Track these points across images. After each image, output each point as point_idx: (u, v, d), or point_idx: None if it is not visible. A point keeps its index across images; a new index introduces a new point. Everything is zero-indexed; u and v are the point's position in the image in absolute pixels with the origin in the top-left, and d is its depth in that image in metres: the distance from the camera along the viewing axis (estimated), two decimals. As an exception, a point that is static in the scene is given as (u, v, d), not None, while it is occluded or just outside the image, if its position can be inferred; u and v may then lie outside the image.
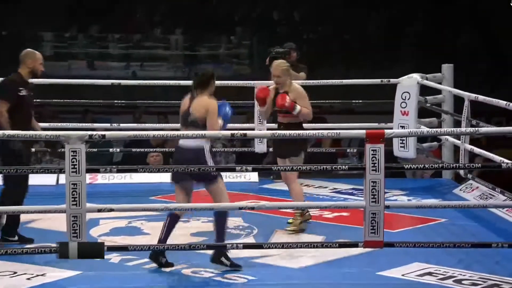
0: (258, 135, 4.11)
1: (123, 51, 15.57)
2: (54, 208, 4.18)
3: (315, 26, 15.85)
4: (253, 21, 15.97)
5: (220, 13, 16.09)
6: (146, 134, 4.16)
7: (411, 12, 15.03)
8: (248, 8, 16.13)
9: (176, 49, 16.04)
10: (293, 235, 5.53)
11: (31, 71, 5.42)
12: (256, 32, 15.69)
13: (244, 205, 4.42)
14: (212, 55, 16.04)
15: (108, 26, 15.60)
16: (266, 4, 16.11)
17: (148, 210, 4.40)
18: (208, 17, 15.90)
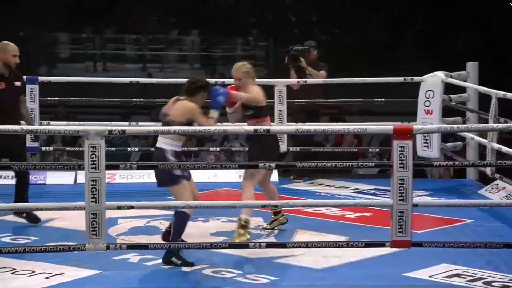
0: (281, 131, 3.98)
1: (139, 52, 15.52)
2: (73, 205, 4.08)
3: (332, 28, 15.74)
4: (269, 22, 15.88)
5: (236, 14, 16.03)
6: (166, 129, 4.04)
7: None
8: (265, 9, 16.04)
9: (192, 50, 15.97)
10: (315, 235, 5.40)
11: (4, 64, 5.40)
12: (272, 33, 15.60)
13: (267, 203, 4.28)
14: (228, 56, 15.98)
15: (124, 27, 15.58)
16: (282, 5, 16.03)
17: (169, 208, 4.27)
18: (225, 19, 15.85)
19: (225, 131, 4.07)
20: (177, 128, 4.04)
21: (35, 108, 6.79)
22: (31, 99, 6.77)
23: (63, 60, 15.57)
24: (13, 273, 4.51)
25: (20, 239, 5.25)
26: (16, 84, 5.51)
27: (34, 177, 7.10)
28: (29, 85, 6.79)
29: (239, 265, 4.72)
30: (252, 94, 5.23)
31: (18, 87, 5.53)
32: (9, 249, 4.10)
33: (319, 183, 7.29)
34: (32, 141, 6.70)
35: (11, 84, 5.45)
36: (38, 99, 6.86)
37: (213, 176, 7.42)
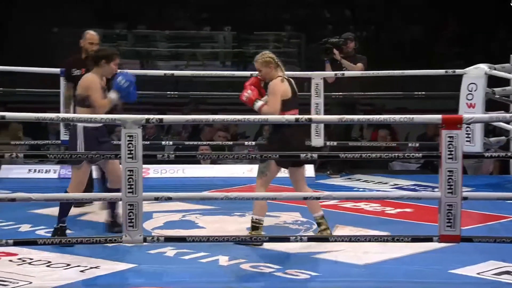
0: (323, 120, 3.81)
1: (172, 49, 15.44)
2: (110, 196, 3.97)
3: (366, 24, 15.53)
4: (303, 18, 15.71)
5: (269, 10, 15.89)
6: (204, 118, 3.91)
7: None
8: (298, 5, 15.88)
9: (225, 47, 15.86)
10: (356, 231, 5.24)
11: (84, 51, 5.71)
12: (305, 30, 15.43)
13: (309, 195, 4.13)
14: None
15: (156, 23, 15.52)
16: (316, 1, 15.85)
17: (207, 199, 4.14)
18: (257, 15, 15.72)
19: (265, 120, 3.91)
20: (220, 117, 3.90)
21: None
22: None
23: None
24: (48, 265, 4.43)
25: (54, 231, 5.16)
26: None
27: (68, 171, 7.03)
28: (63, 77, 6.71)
29: (278, 260, 4.58)
30: (274, 107, 4.69)
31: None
32: (45, 241, 4.02)
33: (357, 178, 7.12)
34: (66, 133, 6.65)
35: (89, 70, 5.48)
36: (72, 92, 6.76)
37: (248, 171, 7.30)
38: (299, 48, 15.64)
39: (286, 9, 15.98)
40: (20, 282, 4.12)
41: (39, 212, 5.66)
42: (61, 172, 7.03)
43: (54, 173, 7.00)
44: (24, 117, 3.82)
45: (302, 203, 5.95)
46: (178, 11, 15.77)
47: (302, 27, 15.45)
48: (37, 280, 4.17)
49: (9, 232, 5.14)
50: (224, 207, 5.81)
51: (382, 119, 3.85)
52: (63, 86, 6.39)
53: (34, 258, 4.52)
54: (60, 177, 7.01)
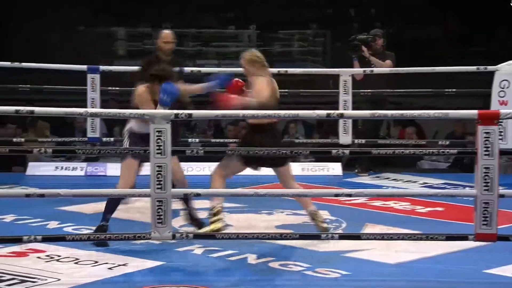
0: (355, 115, 3.73)
1: (196, 49, 15.40)
2: (138, 192, 3.93)
3: (391, 23, 15.38)
4: (328, 17, 15.60)
5: (294, 8, 15.81)
6: (234, 113, 3.84)
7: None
8: (323, 4, 15.78)
9: (249, 46, 15.79)
10: (386, 230, 5.14)
11: (159, 50, 5.74)
12: (331, 28, 15.32)
13: (341, 192, 4.05)
14: (285, 52, 15.77)
15: (180, 22, 15.49)
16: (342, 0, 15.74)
17: (237, 196, 4.08)
18: (282, 13, 15.64)
19: (296, 115, 3.84)
20: (248, 112, 3.83)
21: (96, 98, 6.69)
22: (93, 89, 6.68)
23: (120, 57, 15.54)
24: (76, 263, 4.40)
25: (82, 229, 5.14)
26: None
27: (95, 168, 7.05)
28: (90, 74, 6.71)
29: (307, 258, 4.51)
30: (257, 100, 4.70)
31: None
32: (73, 237, 3.98)
33: (385, 177, 7.03)
34: (92, 131, 6.65)
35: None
36: (99, 89, 6.75)
37: (274, 169, 7.24)
38: (324, 46, 15.53)
39: (311, 7, 15.90)
40: (48, 279, 4.09)
41: (67, 209, 5.65)
42: (87, 169, 7.02)
43: (81, 170, 7.00)
44: (53, 111, 3.79)
45: (330, 201, 5.90)
46: (202, 9, 15.73)
47: (327, 25, 15.35)
48: (65, 277, 4.13)
49: (37, 229, 5.12)
50: (251, 205, 5.76)
51: (416, 114, 3.75)
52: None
53: (62, 255, 4.50)
54: (87, 174, 7.01)
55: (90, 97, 6.65)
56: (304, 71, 7.11)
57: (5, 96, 9.19)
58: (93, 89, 6.69)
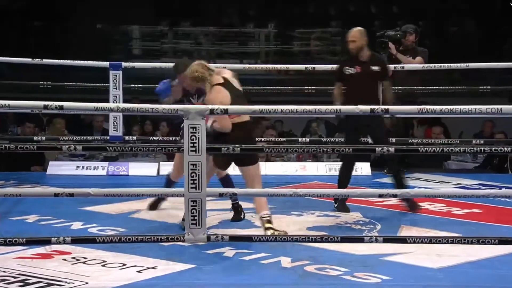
0: (402, 110, 3.52)
1: (216, 47, 15.20)
2: (172, 191, 3.74)
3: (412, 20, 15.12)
4: (349, 15, 15.37)
5: (314, 6, 15.60)
6: (271, 108, 3.63)
7: None
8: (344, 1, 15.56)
9: (268, 44, 15.60)
10: (423, 232, 4.93)
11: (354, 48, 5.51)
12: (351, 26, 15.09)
13: (385, 192, 3.84)
14: (305, 51, 15.58)
15: (199, 21, 15.32)
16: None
17: (274, 195, 3.87)
18: (302, 11, 15.44)
19: (338, 110, 3.63)
20: (281, 107, 3.63)
21: (118, 96, 6.51)
22: (115, 86, 6.50)
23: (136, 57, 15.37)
24: (103, 265, 4.21)
25: (107, 230, 4.96)
26: (373, 68, 5.51)
27: (117, 167, 6.88)
28: (113, 71, 6.53)
29: (345, 262, 4.29)
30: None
31: (375, 72, 5.51)
32: (104, 239, 3.78)
33: (416, 177, 6.80)
34: (115, 129, 6.47)
35: (367, 68, 5.46)
36: (122, 86, 6.57)
37: (302, 168, 7.05)
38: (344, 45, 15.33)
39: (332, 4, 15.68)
40: (75, 282, 3.91)
41: (90, 210, 5.48)
42: (109, 169, 6.84)
43: (103, 169, 6.83)
44: (82, 107, 3.60)
45: (361, 202, 5.69)
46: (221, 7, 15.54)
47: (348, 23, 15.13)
48: (92, 280, 3.95)
49: (61, 229, 4.95)
50: (280, 206, 5.56)
51: (467, 109, 3.53)
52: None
53: (88, 257, 4.32)
54: (109, 174, 6.83)
55: (112, 94, 6.48)
56: (331, 67, 6.86)
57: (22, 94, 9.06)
58: (115, 86, 6.51)
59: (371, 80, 5.51)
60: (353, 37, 5.48)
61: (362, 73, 5.46)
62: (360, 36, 5.47)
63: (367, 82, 5.46)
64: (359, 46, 5.46)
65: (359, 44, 5.46)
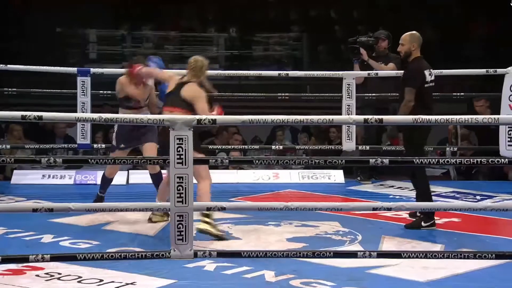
0: (395, 120, 3.41)
1: (176, 52, 14.98)
2: (157, 206, 3.57)
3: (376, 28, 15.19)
4: (309, 20, 15.35)
5: (275, 11, 15.53)
6: (263, 119, 3.50)
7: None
8: (305, 7, 15.52)
9: (232, 48, 15.46)
10: (405, 242, 4.85)
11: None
12: (311, 31, 15.08)
13: (379, 206, 3.73)
14: (265, 56, 15.50)
15: (158, 25, 15.09)
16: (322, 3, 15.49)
17: (265, 209, 3.73)
18: (262, 16, 15.35)
19: (330, 121, 3.51)
20: (277, 117, 3.50)
21: (87, 102, 6.29)
22: (83, 93, 6.28)
23: (93, 61, 15.04)
24: (79, 281, 4.01)
25: (80, 243, 4.76)
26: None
27: (84, 176, 6.65)
28: (81, 77, 6.31)
29: (331, 276, 4.16)
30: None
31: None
32: (85, 256, 3.59)
33: (389, 185, 6.75)
34: (83, 137, 6.26)
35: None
36: (90, 92, 6.35)
37: (274, 176, 6.93)
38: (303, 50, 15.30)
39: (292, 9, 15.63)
40: (51, 301, 3.71)
41: (60, 221, 5.27)
42: (76, 177, 6.61)
43: (70, 178, 6.59)
44: (63, 117, 3.41)
45: (338, 212, 5.59)
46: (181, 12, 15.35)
47: (309, 28, 15.10)
48: (69, 299, 3.76)
49: (32, 243, 4.74)
50: (256, 216, 5.44)
51: (463, 119, 3.45)
52: None
53: (62, 273, 4.11)
54: (76, 183, 6.60)
55: (80, 101, 6.26)
56: (305, 73, 6.77)
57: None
58: (83, 92, 6.29)
59: (402, 86, 5.33)
60: (402, 40, 5.33)
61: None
62: (410, 39, 5.29)
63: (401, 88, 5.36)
64: (407, 50, 5.29)
65: (406, 48, 5.30)
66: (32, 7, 13.62)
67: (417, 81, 5.18)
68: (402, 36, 5.33)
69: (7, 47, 12.63)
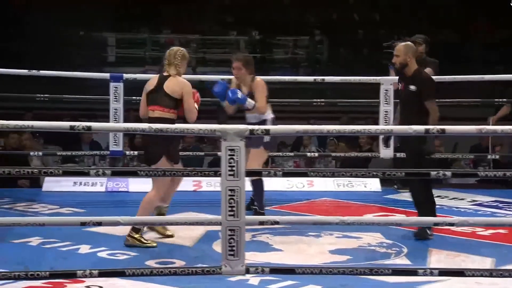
0: (459, 131, 3.20)
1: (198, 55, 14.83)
2: (208, 220, 3.42)
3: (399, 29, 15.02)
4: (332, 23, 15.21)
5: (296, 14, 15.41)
6: (318, 129, 3.35)
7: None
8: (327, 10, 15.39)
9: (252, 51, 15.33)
10: (454, 256, 4.67)
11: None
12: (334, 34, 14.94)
13: (441, 221, 3.57)
14: (286, 59, 15.38)
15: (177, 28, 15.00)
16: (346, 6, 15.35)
17: (319, 224, 3.58)
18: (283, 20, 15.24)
19: (390, 131, 3.35)
20: (332, 127, 3.34)
21: (119, 109, 6.16)
22: (115, 99, 6.16)
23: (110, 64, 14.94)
24: (122, 297, 3.88)
25: (118, 254, 4.63)
26: (410, 88, 5.13)
27: (116, 183, 6.53)
28: (113, 83, 6.19)
29: (379, 291, 4.01)
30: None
31: (411, 92, 5.11)
32: (134, 272, 3.44)
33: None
34: (115, 144, 6.15)
35: (407, 86, 5.15)
36: (123, 98, 6.22)
37: (308, 184, 6.76)
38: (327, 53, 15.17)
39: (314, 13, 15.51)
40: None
41: (95, 231, 5.12)
42: (108, 185, 6.49)
43: (101, 186, 6.46)
44: (112, 127, 3.28)
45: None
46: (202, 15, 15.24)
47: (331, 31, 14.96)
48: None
49: (69, 253, 4.61)
50: (294, 226, 5.27)
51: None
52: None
53: (104, 286, 3.97)
54: (108, 190, 6.48)
55: (112, 107, 6.13)
56: (341, 79, 6.62)
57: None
58: (116, 99, 6.16)
59: (410, 100, 5.09)
60: (397, 51, 5.17)
61: (404, 91, 5.16)
62: (404, 50, 5.14)
63: (407, 101, 5.14)
64: (402, 61, 5.14)
65: (401, 59, 5.15)
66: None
67: (435, 91, 5.09)
68: (396, 47, 5.19)
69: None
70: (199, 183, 6.62)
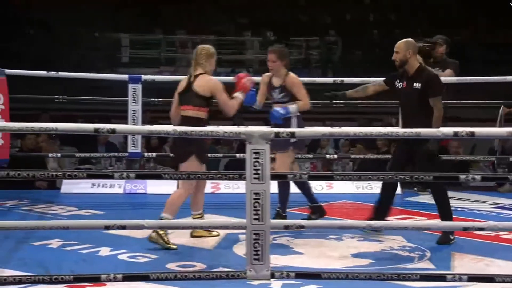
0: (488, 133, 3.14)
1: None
2: (233, 224, 3.38)
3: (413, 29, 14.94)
4: (346, 24, 15.15)
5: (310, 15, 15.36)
6: (344, 131, 3.31)
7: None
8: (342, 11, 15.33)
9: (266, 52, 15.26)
10: (477, 260, 4.60)
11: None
12: (347, 35, 14.87)
13: (470, 226, 3.51)
14: (302, 59, 15.33)
15: (192, 29, 14.98)
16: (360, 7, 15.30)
17: (346, 228, 3.53)
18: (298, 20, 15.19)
19: (418, 134, 3.30)
20: (358, 129, 3.29)
21: (138, 110, 6.14)
22: (134, 100, 6.13)
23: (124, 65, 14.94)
24: (144, 300, 3.84)
25: (138, 257, 4.60)
26: (415, 85, 5.04)
27: (134, 185, 6.50)
28: (132, 84, 6.16)
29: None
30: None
31: (415, 90, 5.03)
32: (158, 276, 3.40)
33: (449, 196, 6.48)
34: (133, 145, 6.11)
35: (411, 84, 5.05)
36: (141, 100, 6.19)
37: (328, 186, 6.71)
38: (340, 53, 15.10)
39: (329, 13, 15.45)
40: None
41: (115, 233, 5.07)
42: (126, 187, 6.47)
43: (119, 187, 6.45)
44: (136, 130, 3.24)
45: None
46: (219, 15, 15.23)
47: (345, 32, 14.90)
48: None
49: (89, 256, 4.59)
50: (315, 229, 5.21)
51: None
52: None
53: (126, 290, 3.93)
54: (126, 192, 6.46)
55: (131, 109, 6.11)
56: (361, 80, 6.56)
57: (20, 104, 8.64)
58: (135, 100, 6.13)
59: (415, 98, 4.99)
60: (397, 47, 5.07)
61: (407, 89, 5.07)
62: (404, 47, 5.07)
63: (411, 99, 5.02)
64: (402, 58, 5.08)
65: (401, 56, 5.09)
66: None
67: (442, 89, 5.04)
68: (396, 44, 5.07)
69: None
70: (217, 185, 6.59)
